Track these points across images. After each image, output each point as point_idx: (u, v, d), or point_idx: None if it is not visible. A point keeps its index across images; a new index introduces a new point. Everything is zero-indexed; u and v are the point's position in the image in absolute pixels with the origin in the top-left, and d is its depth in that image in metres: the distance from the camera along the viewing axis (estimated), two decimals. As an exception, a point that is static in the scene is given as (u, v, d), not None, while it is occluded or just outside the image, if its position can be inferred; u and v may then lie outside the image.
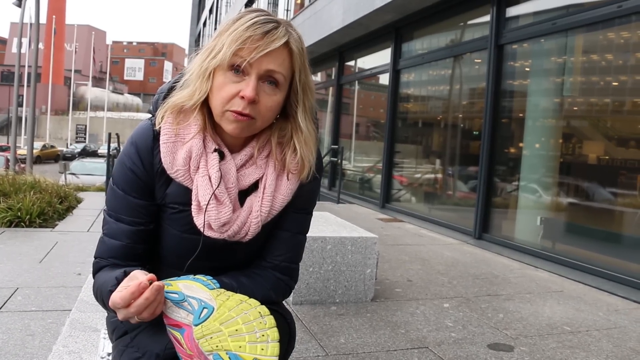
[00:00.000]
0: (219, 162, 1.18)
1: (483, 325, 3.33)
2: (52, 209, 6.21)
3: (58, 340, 1.91)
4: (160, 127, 1.18)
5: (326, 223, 4.00)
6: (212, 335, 1.00)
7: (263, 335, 1.00)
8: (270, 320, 1.03)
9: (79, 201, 7.61)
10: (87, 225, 6.04)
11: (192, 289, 1.07)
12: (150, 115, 1.27)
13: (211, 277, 1.12)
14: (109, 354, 1.49)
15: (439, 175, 8.24)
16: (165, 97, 1.22)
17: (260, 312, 1.03)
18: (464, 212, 7.20)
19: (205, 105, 1.18)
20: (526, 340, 3.11)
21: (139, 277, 1.03)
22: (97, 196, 8.78)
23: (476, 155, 6.68)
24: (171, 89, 1.23)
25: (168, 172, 1.17)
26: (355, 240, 3.61)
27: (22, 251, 4.63)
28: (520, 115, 6.40)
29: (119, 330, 1.26)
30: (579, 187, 5.61)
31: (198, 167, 1.17)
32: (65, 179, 13.05)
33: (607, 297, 4.19)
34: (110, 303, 1.03)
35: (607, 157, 5.40)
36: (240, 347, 0.98)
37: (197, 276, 1.12)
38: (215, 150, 1.18)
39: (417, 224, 7.54)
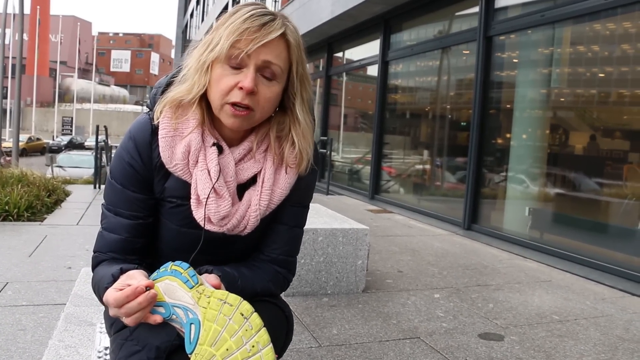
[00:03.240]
0: (218, 156, 1.18)
1: (473, 315, 3.37)
2: (41, 203, 6.16)
3: (54, 335, 1.91)
4: (158, 122, 1.18)
5: (317, 215, 4.01)
6: None
7: (253, 346, 0.98)
8: (255, 321, 1.00)
9: (67, 194, 7.56)
10: (76, 218, 6.01)
11: (174, 290, 1.05)
12: (147, 110, 1.27)
13: (187, 266, 1.07)
14: (106, 348, 1.49)
15: (428, 167, 8.29)
16: (163, 92, 1.22)
17: (242, 314, 1.00)
18: (453, 203, 7.25)
19: (203, 100, 1.19)
20: (516, 330, 3.15)
21: (136, 277, 1.04)
22: (85, 189, 8.74)
23: (465, 146, 6.72)
24: (169, 84, 1.23)
25: (167, 166, 1.18)
26: (347, 232, 3.63)
27: (10, 245, 4.60)
28: (509, 106, 6.44)
29: (118, 324, 1.26)
30: (566, 178, 5.67)
31: (197, 161, 1.17)
32: (52, 171, 12.95)
33: (594, 286, 4.25)
34: (103, 300, 1.03)
35: (594, 148, 5.45)
36: None
37: (174, 266, 1.07)
38: (213, 144, 1.19)
39: (407, 215, 7.59)
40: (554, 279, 4.39)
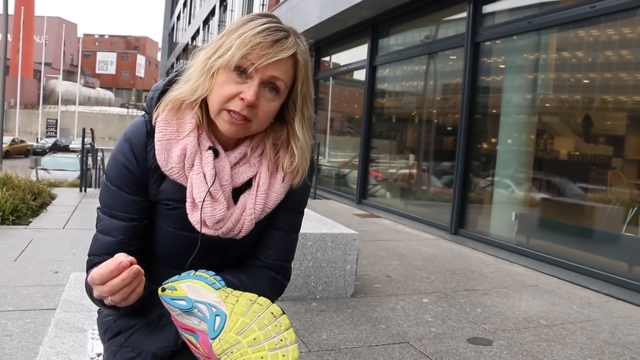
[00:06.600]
0: (213, 159, 1.19)
1: (462, 320, 3.39)
2: (26, 206, 6.09)
3: (44, 341, 1.89)
4: (155, 124, 1.18)
5: (306, 219, 3.99)
6: (232, 349, 0.99)
7: (281, 340, 0.98)
8: (285, 320, 1.01)
9: (52, 197, 7.47)
10: (62, 222, 5.95)
11: (198, 290, 1.05)
12: (144, 113, 1.26)
13: (213, 273, 1.09)
14: (98, 355, 1.48)
15: (415, 171, 8.32)
16: (160, 95, 1.22)
17: (272, 313, 1.01)
18: (440, 207, 7.29)
19: (202, 103, 1.19)
20: (504, 334, 3.18)
21: (120, 258, 1.03)
22: (71, 192, 8.65)
23: (452, 151, 6.76)
24: (167, 87, 1.22)
25: (162, 169, 1.17)
26: (336, 237, 3.64)
27: (-5, 249, 4.54)
28: (496, 111, 6.50)
29: (112, 330, 1.25)
30: (552, 183, 5.73)
31: (192, 165, 1.17)
32: (37, 174, 12.80)
33: (580, 290, 4.30)
34: (89, 279, 1.02)
35: (580, 154, 5.52)
36: (262, 357, 0.97)
37: (199, 272, 1.09)
38: (209, 148, 1.19)
39: (394, 219, 7.61)
40: (541, 284, 4.43)
